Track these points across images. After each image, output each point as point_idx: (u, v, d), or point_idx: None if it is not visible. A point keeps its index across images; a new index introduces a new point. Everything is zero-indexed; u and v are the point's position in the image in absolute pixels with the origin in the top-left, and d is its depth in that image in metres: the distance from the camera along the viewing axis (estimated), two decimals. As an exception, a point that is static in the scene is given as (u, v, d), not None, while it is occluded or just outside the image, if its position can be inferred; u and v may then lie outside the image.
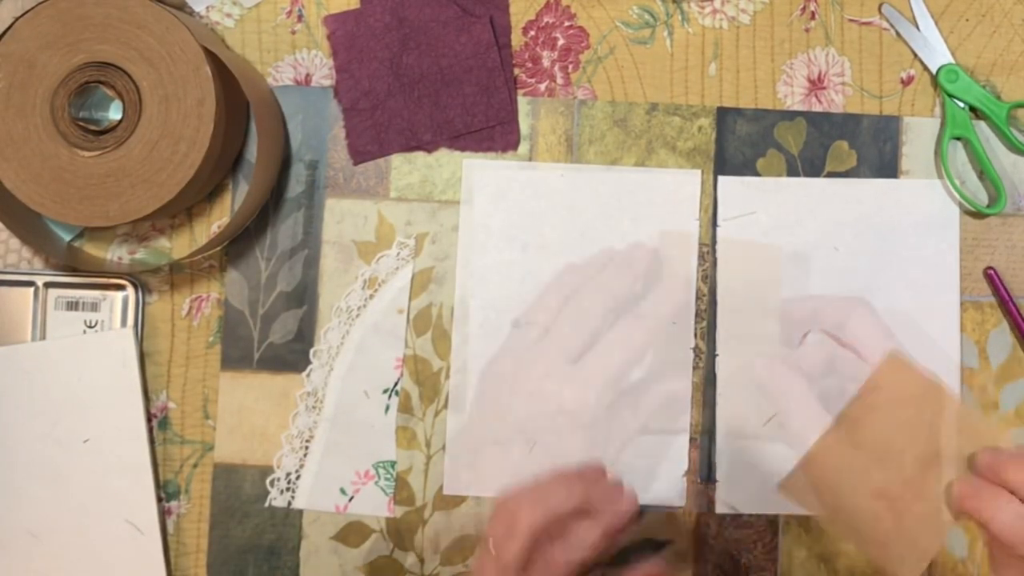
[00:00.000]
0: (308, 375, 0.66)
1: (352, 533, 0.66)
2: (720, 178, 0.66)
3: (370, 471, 0.66)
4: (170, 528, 0.66)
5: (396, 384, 0.66)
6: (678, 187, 0.66)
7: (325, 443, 0.66)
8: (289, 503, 0.66)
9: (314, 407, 0.66)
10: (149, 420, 0.66)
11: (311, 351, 0.66)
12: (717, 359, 0.65)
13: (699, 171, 0.66)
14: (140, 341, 0.66)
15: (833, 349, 0.63)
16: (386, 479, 0.66)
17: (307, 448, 0.66)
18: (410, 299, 0.67)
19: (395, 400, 0.66)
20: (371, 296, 0.67)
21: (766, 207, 0.66)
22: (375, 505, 0.66)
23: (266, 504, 0.66)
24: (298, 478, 0.66)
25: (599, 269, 0.65)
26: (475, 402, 0.65)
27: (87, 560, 0.65)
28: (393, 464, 0.66)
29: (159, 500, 0.66)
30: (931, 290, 0.65)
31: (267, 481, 0.66)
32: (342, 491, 0.66)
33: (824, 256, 0.65)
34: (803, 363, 0.63)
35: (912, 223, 0.65)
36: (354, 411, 0.66)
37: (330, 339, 0.67)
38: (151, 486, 0.65)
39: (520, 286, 0.65)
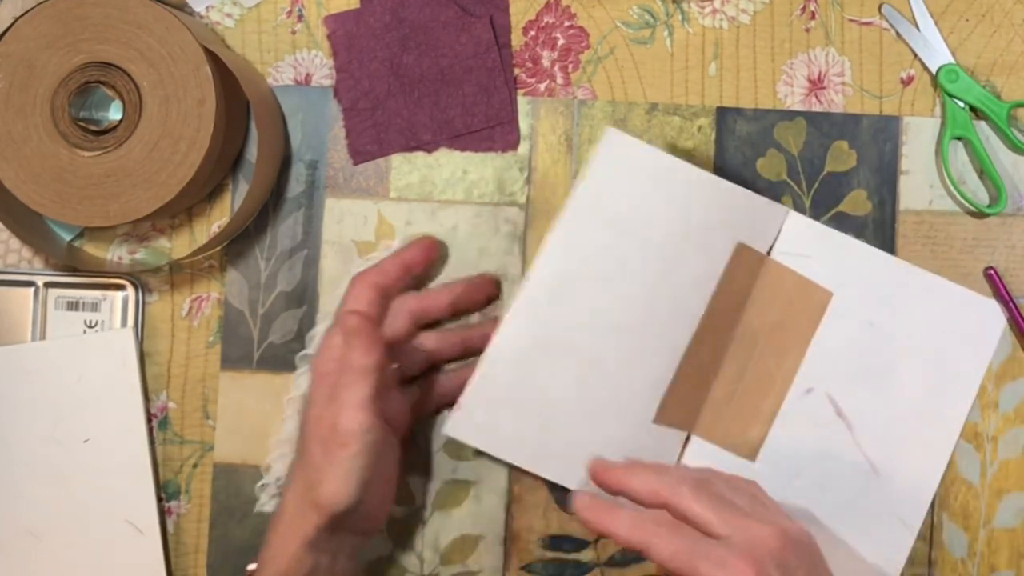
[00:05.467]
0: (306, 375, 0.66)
1: (352, 533, 0.66)
2: (790, 213, 0.64)
3: (370, 471, 0.66)
4: (170, 528, 0.66)
5: (396, 384, 0.66)
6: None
7: (325, 443, 0.66)
8: (289, 503, 0.66)
9: (314, 407, 0.66)
10: (149, 420, 0.66)
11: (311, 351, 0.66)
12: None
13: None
14: (140, 341, 0.66)
15: (830, 415, 0.63)
16: (386, 479, 0.66)
17: (307, 448, 0.66)
18: (410, 299, 0.66)
19: (395, 400, 0.66)
20: (371, 296, 0.67)
21: (822, 256, 0.64)
22: (375, 505, 0.66)
23: (255, 511, 0.65)
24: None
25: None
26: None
27: (87, 560, 0.65)
28: (393, 464, 0.66)
29: (159, 500, 0.66)
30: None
31: (256, 487, 0.65)
32: (342, 491, 0.66)
33: (853, 321, 0.64)
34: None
35: (953, 330, 0.64)
36: (354, 411, 0.66)
37: (330, 339, 0.66)
38: (151, 486, 0.65)
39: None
